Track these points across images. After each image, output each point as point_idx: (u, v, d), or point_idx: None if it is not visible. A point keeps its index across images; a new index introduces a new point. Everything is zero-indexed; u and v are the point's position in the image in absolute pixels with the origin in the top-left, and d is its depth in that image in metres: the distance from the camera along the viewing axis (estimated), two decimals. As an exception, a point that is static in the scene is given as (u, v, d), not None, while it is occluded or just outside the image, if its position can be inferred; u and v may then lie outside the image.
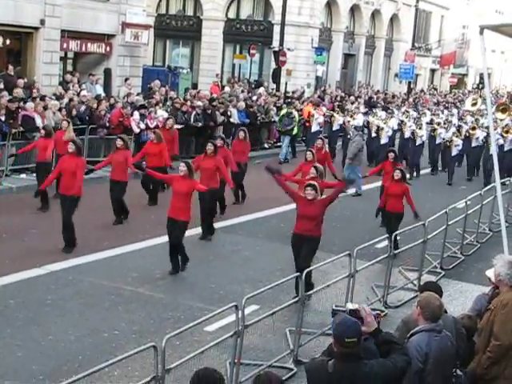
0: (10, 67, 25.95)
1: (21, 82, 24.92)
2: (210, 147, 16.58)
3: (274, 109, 31.17)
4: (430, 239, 14.89)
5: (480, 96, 40.78)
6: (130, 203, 17.66)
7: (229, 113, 28.43)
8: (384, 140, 28.21)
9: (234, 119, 28.59)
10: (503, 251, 11.58)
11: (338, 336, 6.24)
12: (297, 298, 10.67)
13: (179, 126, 25.76)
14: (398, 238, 14.37)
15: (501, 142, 26.72)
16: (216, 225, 17.31)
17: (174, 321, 11.66)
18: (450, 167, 27.71)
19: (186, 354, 8.90)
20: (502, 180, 20.98)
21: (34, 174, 19.34)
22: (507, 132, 27.44)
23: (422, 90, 55.59)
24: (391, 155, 18.94)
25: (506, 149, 27.09)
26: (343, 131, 29.37)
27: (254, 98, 32.92)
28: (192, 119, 26.71)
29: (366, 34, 50.99)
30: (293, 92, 38.28)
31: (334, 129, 30.35)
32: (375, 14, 51.85)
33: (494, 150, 12.78)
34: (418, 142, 27.90)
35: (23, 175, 20.85)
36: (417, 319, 7.13)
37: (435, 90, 58.40)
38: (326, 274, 14.10)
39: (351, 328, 6.25)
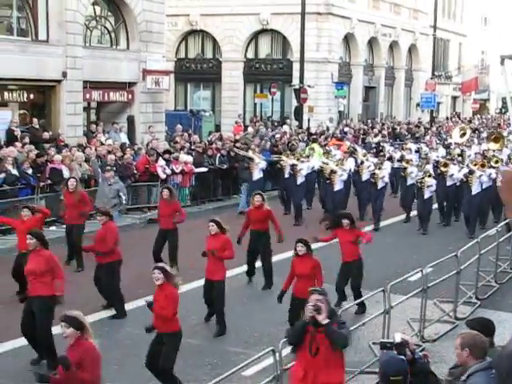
0: (35, 120, 26.39)
1: (46, 134, 25.31)
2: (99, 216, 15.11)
3: (303, 144, 30.83)
4: (464, 269, 14.78)
5: (469, 126, 38.67)
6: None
7: (253, 153, 28.47)
8: (338, 186, 23.57)
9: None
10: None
11: (383, 374, 6.27)
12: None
13: (203, 170, 26.00)
14: (430, 270, 14.20)
15: (494, 175, 23.07)
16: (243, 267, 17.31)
17: (211, 367, 11.64)
18: (422, 212, 23.18)
19: (226, 400, 8.87)
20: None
21: (64, 226, 19.12)
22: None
23: (447, 118, 55.48)
24: (346, 222, 14.77)
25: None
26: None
27: (278, 136, 33.00)
28: (217, 162, 26.87)
29: (385, 66, 51.12)
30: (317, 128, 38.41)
31: (286, 176, 25.06)
32: (393, 46, 52.00)
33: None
34: (380, 184, 23.54)
35: (53, 227, 20.90)
36: (465, 361, 7.02)
37: (458, 116, 58.29)
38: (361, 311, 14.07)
39: (396, 366, 6.28)
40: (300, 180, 24.37)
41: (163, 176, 24.45)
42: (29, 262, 11.85)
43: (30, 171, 21.53)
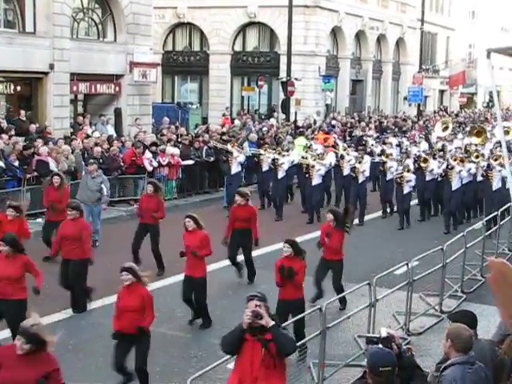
0: (22, 112, 26.32)
1: (33, 126, 25.21)
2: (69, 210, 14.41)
3: (289, 138, 30.84)
4: (449, 263, 14.83)
5: (452, 120, 38.14)
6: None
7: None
8: (316, 180, 23.16)
9: (246, 152, 28.55)
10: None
11: (372, 365, 6.27)
12: (319, 331, 10.61)
13: (190, 162, 25.99)
14: (416, 263, 14.21)
15: (473, 170, 22.80)
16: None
17: (196, 360, 11.65)
18: (401, 208, 23.03)
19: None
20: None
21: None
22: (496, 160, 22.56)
23: (434, 112, 55.57)
24: (330, 217, 14.53)
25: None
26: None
27: (265, 129, 33.00)
28: (204, 154, 26.85)
29: (373, 59, 51.14)
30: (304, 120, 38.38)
31: (264, 169, 25.10)
32: (381, 39, 52.03)
33: (509, 175, 12.41)
34: (361, 179, 23.15)
35: (39, 219, 20.83)
36: (447, 352, 7.05)
37: (445, 110, 58.37)
38: (347, 304, 14.08)
39: (385, 357, 6.30)
40: (281, 174, 24.10)
41: (150, 168, 24.42)
42: (3, 267, 11.46)
43: (16, 163, 21.47)
